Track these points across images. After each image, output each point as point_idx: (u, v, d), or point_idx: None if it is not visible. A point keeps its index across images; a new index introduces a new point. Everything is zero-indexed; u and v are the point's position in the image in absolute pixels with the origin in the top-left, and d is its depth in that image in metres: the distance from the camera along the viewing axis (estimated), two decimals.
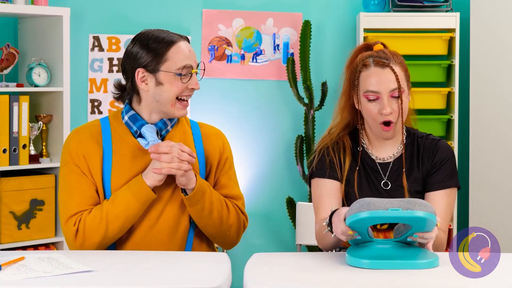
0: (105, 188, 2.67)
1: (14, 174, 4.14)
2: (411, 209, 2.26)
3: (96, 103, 4.65)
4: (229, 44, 4.80)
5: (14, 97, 4.08)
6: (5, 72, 4.14)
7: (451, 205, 2.67)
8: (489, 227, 2.36)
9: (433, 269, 2.28)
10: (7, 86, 4.08)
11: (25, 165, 4.12)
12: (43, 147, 4.26)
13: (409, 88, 2.66)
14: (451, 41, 4.62)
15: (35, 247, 4.16)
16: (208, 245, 2.78)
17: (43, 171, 4.27)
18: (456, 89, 4.56)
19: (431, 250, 2.36)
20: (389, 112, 2.58)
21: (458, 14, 4.55)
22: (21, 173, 4.18)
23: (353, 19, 4.82)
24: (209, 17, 4.76)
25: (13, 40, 4.41)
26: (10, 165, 4.07)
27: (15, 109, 4.08)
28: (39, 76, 4.19)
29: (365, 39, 4.53)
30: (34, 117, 4.25)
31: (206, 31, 4.77)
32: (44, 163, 4.22)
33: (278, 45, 4.82)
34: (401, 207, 2.26)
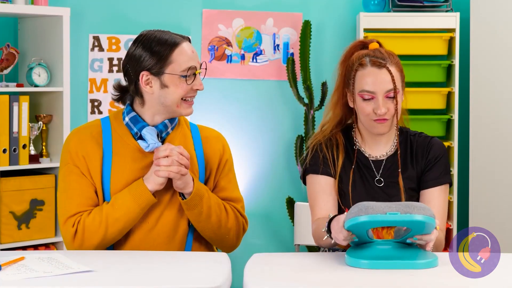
0: (104, 189, 2.66)
1: (14, 174, 4.14)
2: (410, 212, 2.25)
3: (96, 103, 4.65)
4: (229, 44, 4.80)
5: (14, 97, 4.08)
6: (5, 72, 4.14)
7: (446, 202, 2.70)
8: (489, 227, 2.36)
9: (432, 269, 2.28)
10: (7, 86, 4.08)
11: (25, 165, 4.12)
12: (43, 147, 4.26)
13: (403, 88, 2.68)
14: (451, 41, 4.62)
15: (35, 247, 4.16)
16: (208, 249, 2.77)
17: (43, 171, 4.27)
18: (456, 89, 4.56)
19: (431, 251, 2.36)
20: (384, 113, 2.59)
21: (458, 14, 4.55)
22: (21, 173, 4.18)
23: (353, 19, 4.82)
24: (209, 17, 4.76)
25: (13, 40, 4.41)
26: (10, 165, 4.07)
27: (15, 109, 4.08)
28: (39, 76, 4.19)
29: (365, 39, 4.53)
30: (34, 117, 4.25)
31: (206, 31, 4.77)
32: (44, 163, 4.21)
33: (278, 45, 4.82)
34: (400, 210, 2.26)
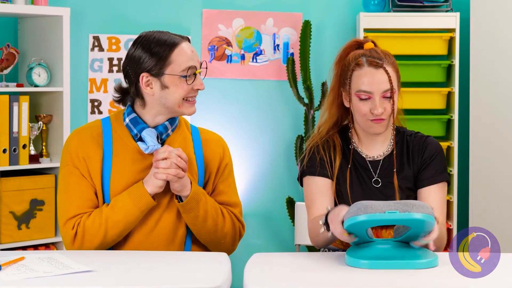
0: (104, 191, 2.66)
1: (14, 174, 4.14)
2: (409, 211, 2.25)
3: (96, 103, 4.65)
4: (229, 44, 4.80)
5: (14, 97, 4.08)
6: (5, 72, 4.15)
7: (444, 199, 2.69)
8: (489, 227, 2.36)
9: (432, 269, 2.28)
10: (7, 86, 4.08)
11: (25, 165, 4.12)
12: (43, 147, 4.26)
13: (399, 88, 2.68)
14: (451, 41, 4.62)
15: (35, 247, 4.16)
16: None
17: (43, 171, 4.27)
18: (456, 89, 4.56)
19: (433, 249, 2.35)
20: (380, 113, 2.59)
21: (458, 14, 4.55)
22: (21, 173, 4.18)
23: (353, 19, 4.82)
24: (209, 17, 4.76)
25: (13, 40, 4.41)
26: (10, 165, 4.07)
27: (15, 109, 4.08)
28: (39, 76, 4.19)
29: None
30: (34, 117, 4.25)
31: (206, 31, 4.77)
32: (44, 163, 4.22)
33: (278, 45, 4.82)
34: (398, 209, 2.26)
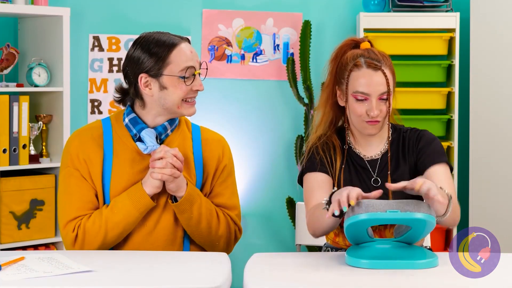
0: (104, 192, 2.65)
1: (14, 174, 4.14)
2: (410, 210, 2.25)
3: (96, 103, 4.65)
4: (229, 44, 4.80)
5: (14, 97, 4.08)
6: (5, 72, 4.15)
7: (450, 178, 2.61)
8: (489, 227, 2.36)
9: (432, 269, 2.28)
10: (7, 86, 4.08)
11: (25, 165, 4.12)
12: (43, 147, 4.26)
13: (394, 90, 2.67)
14: (451, 41, 4.62)
15: (35, 247, 4.16)
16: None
17: (43, 171, 4.27)
18: (456, 89, 4.56)
19: (441, 201, 2.29)
20: (376, 115, 2.59)
21: (458, 14, 4.55)
22: (21, 173, 4.18)
23: (353, 19, 4.82)
24: (209, 17, 4.76)
25: (13, 40, 4.41)
26: (10, 165, 4.07)
27: (15, 109, 4.08)
28: (39, 76, 4.19)
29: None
30: (34, 117, 4.25)
31: (206, 31, 4.77)
32: (44, 163, 4.22)
33: (278, 45, 4.82)
34: (400, 208, 2.26)
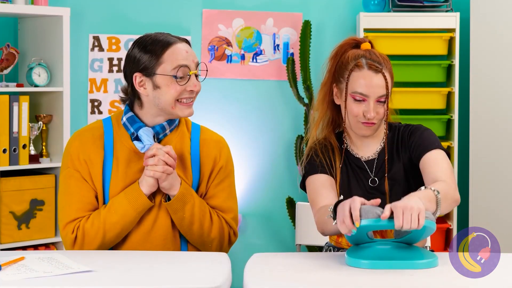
0: (105, 192, 2.65)
1: (14, 174, 4.14)
2: None
3: (96, 103, 4.66)
4: (229, 44, 4.80)
5: (14, 97, 4.08)
6: (5, 72, 4.15)
7: (445, 161, 2.57)
8: (489, 227, 2.36)
9: (432, 269, 2.28)
10: (7, 86, 4.09)
11: (25, 165, 4.12)
12: (43, 147, 4.26)
13: (391, 93, 2.67)
14: (451, 41, 4.62)
15: (35, 247, 4.16)
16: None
17: (43, 171, 4.27)
18: (456, 89, 4.56)
19: (422, 213, 2.23)
20: (373, 117, 2.59)
21: (458, 14, 4.55)
22: (21, 173, 4.18)
23: (353, 19, 4.82)
24: (209, 17, 4.76)
25: (13, 40, 4.41)
26: (10, 165, 4.07)
27: (15, 109, 4.08)
28: (39, 76, 4.19)
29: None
30: (34, 117, 4.25)
31: (206, 31, 4.77)
32: (44, 163, 4.22)
33: (278, 45, 4.82)
34: None
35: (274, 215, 4.86)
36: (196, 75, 2.64)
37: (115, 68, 4.66)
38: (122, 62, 2.64)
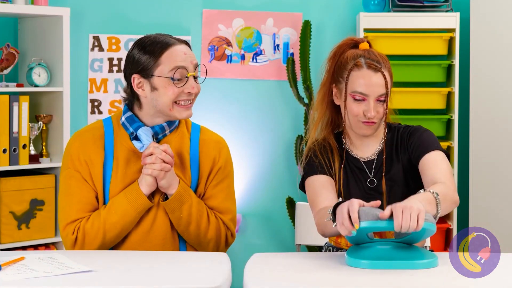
0: (105, 193, 2.65)
1: (14, 174, 4.14)
2: None
3: (96, 103, 4.66)
4: (229, 44, 4.80)
5: (14, 97, 4.08)
6: (5, 72, 4.15)
7: (444, 162, 2.57)
8: (489, 227, 2.36)
9: (432, 269, 2.28)
10: (7, 86, 4.09)
11: (25, 165, 4.12)
12: (43, 147, 4.26)
13: (391, 92, 2.67)
14: (451, 41, 4.62)
15: (35, 247, 4.16)
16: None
17: (43, 171, 4.27)
18: (456, 89, 4.56)
19: (422, 215, 2.23)
20: (373, 116, 2.59)
21: (458, 14, 4.55)
22: (21, 173, 4.18)
23: (353, 19, 4.82)
24: (209, 17, 4.76)
25: (13, 40, 4.41)
26: (10, 165, 4.07)
27: (15, 109, 4.08)
28: (39, 76, 4.19)
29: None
30: (34, 117, 4.25)
31: (206, 31, 4.77)
32: (44, 163, 4.22)
33: (278, 45, 4.82)
34: None
35: (274, 215, 4.86)
36: (195, 77, 2.63)
37: (115, 68, 4.67)
38: (122, 62, 2.63)
